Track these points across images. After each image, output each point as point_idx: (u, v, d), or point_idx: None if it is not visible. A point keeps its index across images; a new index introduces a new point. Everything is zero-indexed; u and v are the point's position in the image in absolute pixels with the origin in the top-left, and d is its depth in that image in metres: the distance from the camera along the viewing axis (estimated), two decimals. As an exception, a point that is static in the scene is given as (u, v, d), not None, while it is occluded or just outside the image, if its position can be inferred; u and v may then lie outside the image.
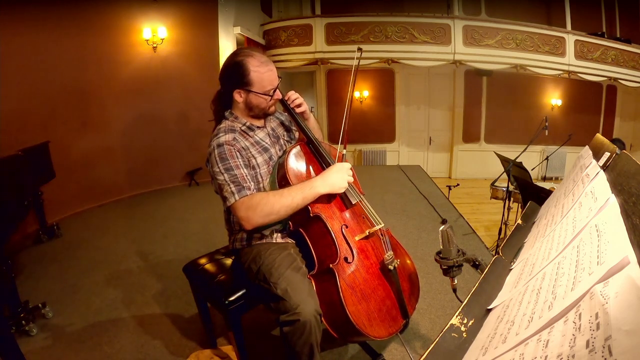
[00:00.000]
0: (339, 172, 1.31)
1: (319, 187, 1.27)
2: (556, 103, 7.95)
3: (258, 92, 1.35)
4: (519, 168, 3.38)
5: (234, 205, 1.25)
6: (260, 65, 1.34)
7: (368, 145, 8.36)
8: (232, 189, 1.25)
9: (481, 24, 6.60)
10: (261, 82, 1.34)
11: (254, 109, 1.40)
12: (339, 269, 1.24)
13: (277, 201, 1.23)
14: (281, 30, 6.88)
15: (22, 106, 3.50)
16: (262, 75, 1.33)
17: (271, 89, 1.36)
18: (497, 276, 0.79)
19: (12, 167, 2.30)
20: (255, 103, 1.38)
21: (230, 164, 1.27)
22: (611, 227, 0.51)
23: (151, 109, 4.93)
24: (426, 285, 2.38)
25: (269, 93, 1.36)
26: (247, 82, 1.34)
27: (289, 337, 1.20)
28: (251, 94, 1.36)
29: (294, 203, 1.24)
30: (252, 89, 1.35)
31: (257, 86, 1.34)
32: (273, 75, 1.36)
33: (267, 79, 1.35)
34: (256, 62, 1.33)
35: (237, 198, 1.24)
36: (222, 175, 1.27)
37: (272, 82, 1.36)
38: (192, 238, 3.35)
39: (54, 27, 3.76)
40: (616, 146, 0.90)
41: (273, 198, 1.24)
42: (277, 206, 1.23)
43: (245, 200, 1.23)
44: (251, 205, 1.23)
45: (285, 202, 1.23)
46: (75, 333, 2.04)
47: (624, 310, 0.33)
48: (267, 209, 1.22)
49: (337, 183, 1.30)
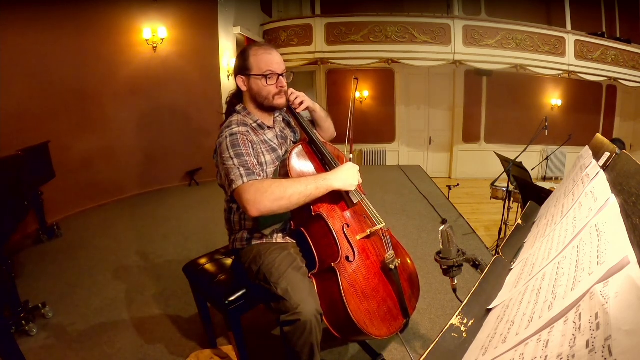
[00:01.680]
0: (351, 169, 1.31)
1: (332, 181, 1.26)
2: (556, 103, 7.95)
3: (256, 74, 1.36)
4: (519, 168, 3.38)
5: (242, 187, 1.18)
6: (259, 49, 1.37)
7: (368, 145, 8.36)
8: (242, 171, 1.21)
9: (481, 24, 6.60)
10: (258, 65, 1.35)
11: (258, 97, 1.40)
12: (341, 268, 1.24)
13: (290, 186, 1.19)
14: (281, 30, 6.88)
15: (22, 106, 3.50)
16: (259, 57, 1.36)
17: (267, 70, 1.35)
18: (497, 276, 0.79)
19: (12, 167, 2.30)
20: (256, 89, 1.38)
21: (241, 151, 1.26)
22: (611, 227, 0.51)
23: (151, 109, 4.93)
24: (426, 285, 2.38)
25: (265, 74, 1.35)
26: (247, 66, 1.36)
27: (290, 337, 1.20)
28: (251, 79, 1.37)
29: (307, 191, 1.21)
30: (251, 73, 1.36)
31: (255, 69, 1.36)
32: (271, 58, 1.36)
33: (265, 60, 1.35)
34: (256, 47, 1.38)
35: (245, 180, 1.19)
36: (232, 160, 1.23)
37: (269, 64, 1.35)
38: (192, 238, 3.35)
39: (54, 27, 3.76)
40: (616, 146, 0.91)
41: (286, 182, 1.21)
42: (289, 191, 1.18)
43: (255, 183, 1.19)
44: (261, 187, 1.18)
45: (299, 188, 1.20)
46: (75, 333, 2.04)
47: (624, 310, 0.33)
48: (279, 192, 1.17)
49: (349, 180, 1.30)
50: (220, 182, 1.40)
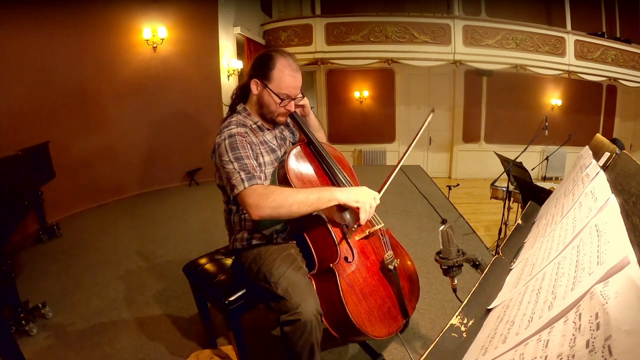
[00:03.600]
0: (365, 191, 1.26)
1: (336, 192, 1.22)
2: (556, 103, 7.95)
3: (272, 90, 1.33)
4: (519, 168, 3.37)
5: (244, 192, 1.19)
6: (287, 67, 1.33)
7: (368, 145, 8.36)
8: (242, 176, 1.21)
9: (481, 24, 6.60)
10: (279, 82, 1.33)
11: (264, 108, 1.38)
12: (339, 268, 1.24)
13: (291, 195, 1.19)
14: (281, 30, 6.88)
15: (22, 106, 3.50)
16: (283, 75, 1.32)
17: (286, 93, 1.34)
18: (497, 276, 0.79)
19: (12, 167, 2.30)
20: (266, 101, 1.36)
21: (240, 154, 1.25)
22: (611, 227, 0.51)
23: (151, 109, 4.93)
24: (426, 285, 2.38)
25: (281, 96, 1.33)
26: (268, 76, 1.33)
27: (290, 337, 1.20)
28: (266, 90, 1.35)
29: (308, 201, 1.19)
30: (269, 85, 1.34)
31: (275, 84, 1.33)
32: (294, 82, 1.34)
33: (286, 82, 1.33)
34: (285, 62, 1.33)
35: (246, 185, 1.20)
36: (232, 164, 1.23)
37: (289, 87, 1.34)
38: (192, 238, 3.35)
39: (54, 27, 3.76)
40: (616, 146, 0.91)
41: (288, 191, 1.21)
42: (290, 199, 1.18)
43: (258, 188, 1.20)
44: (264, 193, 1.18)
45: (300, 197, 1.19)
46: (75, 333, 2.04)
47: (624, 310, 0.33)
48: (281, 199, 1.18)
49: (359, 196, 1.23)
50: (220, 182, 1.39)
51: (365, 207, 1.22)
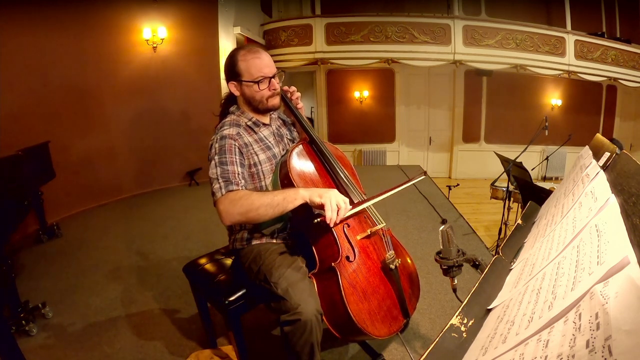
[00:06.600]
0: (333, 191, 1.21)
1: (301, 191, 1.21)
2: (556, 103, 7.95)
3: (248, 80, 1.35)
4: (519, 168, 3.37)
5: (219, 200, 1.23)
6: (247, 54, 1.35)
7: (368, 145, 8.35)
8: (221, 183, 1.25)
9: (481, 24, 6.60)
10: (248, 70, 1.34)
11: (252, 102, 1.40)
12: (341, 267, 1.24)
13: (258, 198, 1.21)
14: (281, 30, 6.87)
15: (22, 106, 3.50)
16: (248, 62, 1.34)
17: (261, 75, 1.34)
18: (497, 276, 0.79)
19: (12, 167, 2.30)
20: (249, 94, 1.38)
21: (226, 159, 1.28)
22: (611, 227, 0.51)
23: (151, 109, 4.94)
24: (426, 285, 2.38)
25: (256, 80, 1.34)
26: (237, 72, 1.35)
27: (290, 337, 1.20)
28: (243, 85, 1.37)
29: (274, 202, 1.20)
30: (243, 79, 1.35)
31: (246, 75, 1.35)
32: (261, 63, 1.35)
33: (254, 66, 1.34)
34: (243, 52, 1.36)
35: (223, 192, 1.23)
36: (215, 169, 1.27)
37: (260, 68, 1.34)
38: (192, 238, 3.35)
39: (54, 27, 3.76)
40: (616, 146, 0.91)
41: (255, 195, 1.23)
42: (257, 203, 1.20)
43: (230, 195, 1.23)
44: (234, 199, 1.22)
45: (266, 200, 1.20)
46: (75, 333, 2.04)
47: (624, 310, 0.33)
48: (247, 204, 1.20)
49: (324, 193, 1.18)
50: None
51: (331, 203, 1.16)
